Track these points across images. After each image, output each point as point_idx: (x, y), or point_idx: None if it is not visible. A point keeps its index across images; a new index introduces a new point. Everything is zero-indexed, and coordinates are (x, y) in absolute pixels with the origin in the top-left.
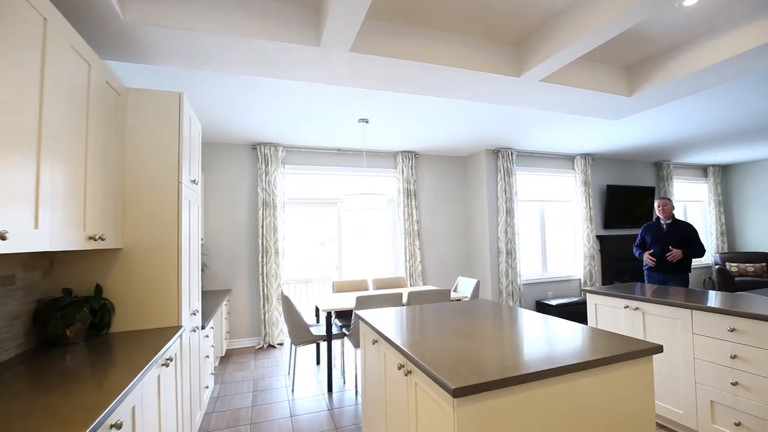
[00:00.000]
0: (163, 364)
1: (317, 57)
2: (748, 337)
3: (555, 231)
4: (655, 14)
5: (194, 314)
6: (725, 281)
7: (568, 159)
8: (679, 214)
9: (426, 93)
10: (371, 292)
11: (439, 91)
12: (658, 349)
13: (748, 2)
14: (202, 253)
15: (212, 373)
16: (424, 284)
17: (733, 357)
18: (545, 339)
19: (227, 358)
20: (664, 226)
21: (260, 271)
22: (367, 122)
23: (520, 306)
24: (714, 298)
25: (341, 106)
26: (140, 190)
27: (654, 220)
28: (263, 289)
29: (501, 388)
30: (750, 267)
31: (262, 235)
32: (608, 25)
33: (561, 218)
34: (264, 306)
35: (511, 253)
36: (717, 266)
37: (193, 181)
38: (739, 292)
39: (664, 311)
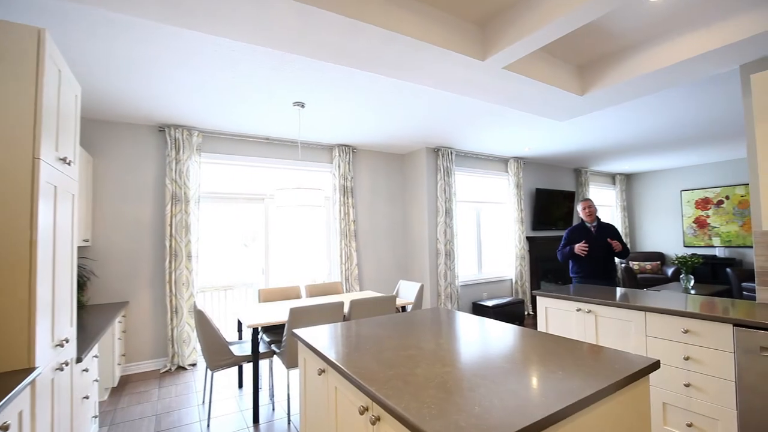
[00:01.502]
0: None
1: (255, 3)
2: (702, 338)
3: (489, 232)
4: (625, 4)
5: (62, 345)
6: (630, 278)
7: (503, 162)
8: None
9: (381, 71)
10: (305, 301)
11: (395, 69)
12: (656, 365)
13: (707, 5)
14: (86, 258)
15: (95, 416)
16: (360, 289)
17: (686, 358)
18: (530, 359)
19: (121, 388)
20: (593, 229)
21: (168, 279)
22: (303, 107)
23: (458, 309)
24: (665, 299)
25: (275, 83)
26: None
27: (579, 222)
28: (171, 300)
29: None
30: (648, 265)
31: (171, 235)
32: (580, 10)
33: (495, 219)
34: (172, 320)
35: (449, 255)
36: (623, 264)
37: (64, 161)
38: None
39: (618, 314)
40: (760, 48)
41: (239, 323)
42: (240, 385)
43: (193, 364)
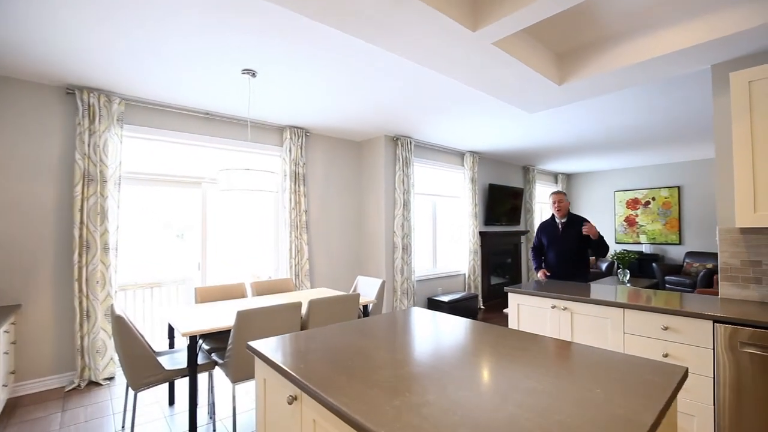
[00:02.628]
0: None
1: None
2: (681, 335)
3: (444, 226)
4: None
5: None
6: None
7: (459, 155)
8: (536, 216)
9: (350, 26)
10: (253, 301)
11: (369, 27)
12: (685, 375)
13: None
14: None
15: None
16: (312, 286)
17: (665, 355)
18: (560, 376)
19: (7, 415)
20: (560, 226)
21: (77, 276)
22: (254, 76)
23: (414, 305)
24: (644, 296)
25: (221, 44)
26: None
27: (549, 218)
28: (82, 302)
29: None
30: None
31: (82, 222)
32: None
33: (450, 213)
34: (82, 326)
35: (406, 249)
36: None
37: None
38: (662, 290)
39: (595, 310)
40: (733, 48)
41: (171, 329)
42: (171, 402)
43: (111, 378)
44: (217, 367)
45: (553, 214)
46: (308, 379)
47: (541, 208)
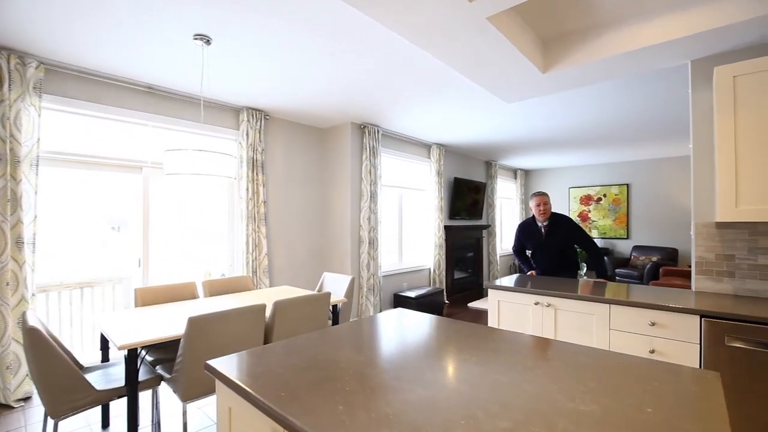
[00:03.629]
0: None
1: None
2: (669, 331)
3: (410, 220)
4: None
5: None
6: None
7: (426, 147)
8: (497, 211)
9: None
10: (206, 303)
11: None
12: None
13: None
14: None
15: None
16: (271, 283)
17: (652, 351)
18: (605, 392)
19: None
20: (542, 229)
21: None
22: (208, 43)
23: (380, 301)
24: (630, 291)
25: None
26: None
27: (529, 219)
28: None
29: None
30: None
31: None
32: None
33: (415, 206)
34: None
35: (373, 243)
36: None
37: None
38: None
39: (580, 307)
40: (714, 44)
41: (104, 340)
42: (105, 425)
43: (26, 399)
44: (163, 382)
45: (533, 216)
46: (294, 414)
47: (502, 203)
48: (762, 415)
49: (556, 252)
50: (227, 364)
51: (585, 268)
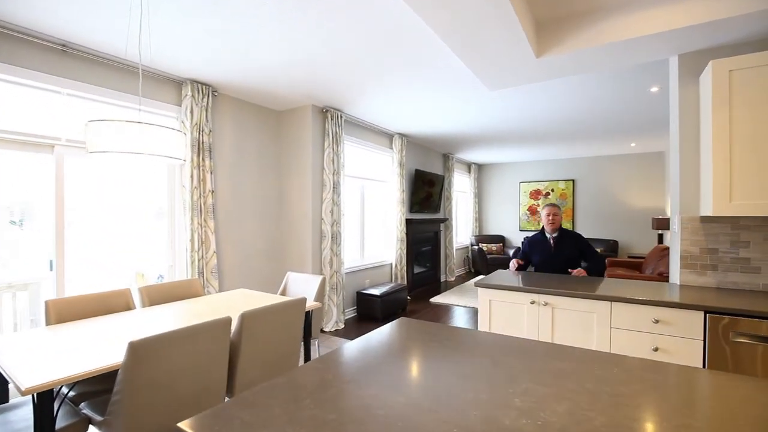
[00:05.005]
0: None
1: None
2: (673, 328)
3: (372, 213)
4: None
5: None
6: (481, 258)
7: (388, 137)
8: (455, 205)
9: None
10: (146, 314)
11: None
12: None
13: None
14: None
15: None
16: (221, 287)
17: (656, 349)
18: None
19: None
20: (551, 241)
21: None
22: None
23: (343, 300)
24: (632, 288)
25: None
26: None
27: (539, 231)
28: None
29: None
30: (493, 246)
31: None
32: None
33: (378, 199)
34: None
35: (336, 238)
36: (475, 246)
37: None
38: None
39: (579, 305)
40: (703, 38)
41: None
42: None
43: None
44: (92, 426)
45: (542, 228)
46: None
47: (458, 197)
48: None
49: (564, 265)
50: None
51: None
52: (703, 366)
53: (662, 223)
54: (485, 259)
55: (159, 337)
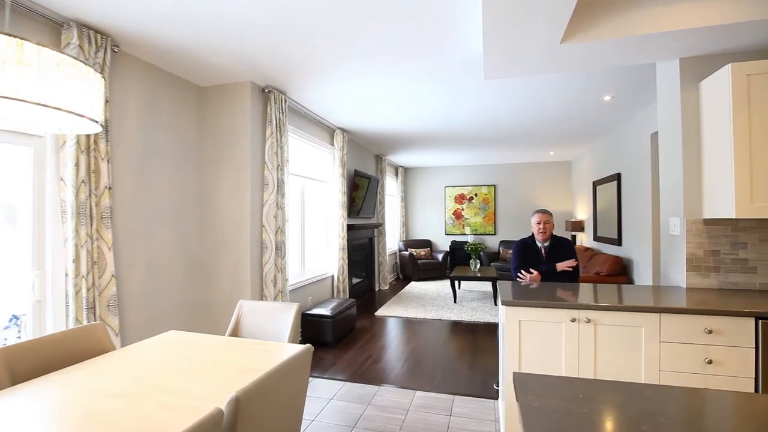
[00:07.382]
0: None
1: None
2: (725, 337)
3: (313, 217)
4: None
5: None
6: (412, 264)
7: (329, 132)
8: (388, 209)
9: None
10: (12, 408)
11: None
12: None
13: None
14: None
15: None
16: (122, 324)
17: (709, 362)
18: None
19: None
20: (543, 250)
21: None
22: None
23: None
24: (633, 294)
25: None
26: None
27: (528, 238)
28: None
29: None
30: (422, 251)
31: None
32: None
33: (318, 202)
34: None
35: (280, 249)
36: (404, 252)
37: None
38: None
39: (624, 319)
40: (708, 43)
41: None
42: None
43: None
44: None
45: (532, 235)
46: None
47: (388, 200)
48: None
49: (556, 279)
50: None
51: (478, 264)
52: (755, 375)
53: (576, 225)
54: (416, 265)
55: None
